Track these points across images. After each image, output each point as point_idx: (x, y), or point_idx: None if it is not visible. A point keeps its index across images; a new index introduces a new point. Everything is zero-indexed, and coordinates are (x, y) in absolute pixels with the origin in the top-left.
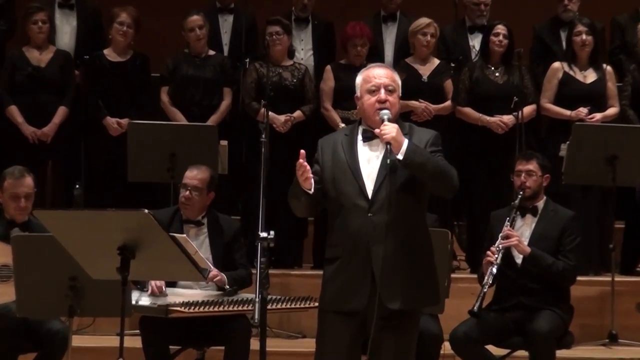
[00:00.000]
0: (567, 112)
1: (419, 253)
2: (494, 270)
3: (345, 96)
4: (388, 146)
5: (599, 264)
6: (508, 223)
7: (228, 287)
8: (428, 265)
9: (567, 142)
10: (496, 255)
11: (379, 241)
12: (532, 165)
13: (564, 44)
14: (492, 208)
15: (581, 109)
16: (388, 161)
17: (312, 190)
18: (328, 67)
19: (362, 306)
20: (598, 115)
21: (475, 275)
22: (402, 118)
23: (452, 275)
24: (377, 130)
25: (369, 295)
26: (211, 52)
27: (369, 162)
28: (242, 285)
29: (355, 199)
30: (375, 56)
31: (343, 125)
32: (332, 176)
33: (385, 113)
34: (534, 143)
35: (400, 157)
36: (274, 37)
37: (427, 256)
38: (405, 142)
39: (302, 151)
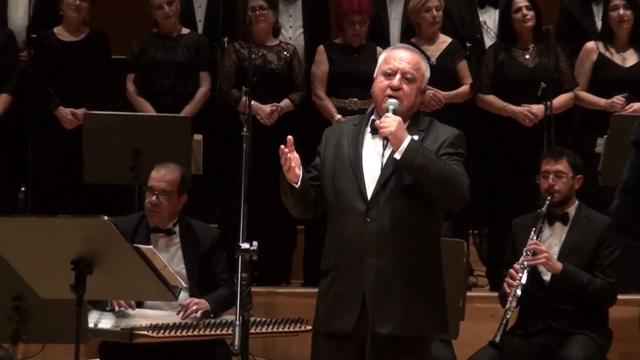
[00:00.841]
0: (602, 102)
1: (422, 271)
2: (519, 292)
3: (342, 82)
4: (385, 142)
5: None
6: (534, 235)
7: (212, 315)
8: (434, 286)
9: (605, 137)
10: (520, 274)
11: (373, 252)
12: (562, 165)
13: (597, 20)
14: (519, 214)
15: (616, 97)
16: (383, 160)
17: (299, 183)
18: (321, 48)
19: (349, 328)
20: (637, 105)
21: (496, 294)
22: None
23: (469, 294)
24: (377, 122)
25: (359, 316)
26: (185, 31)
27: (375, 158)
28: (228, 307)
29: (352, 201)
30: (379, 35)
31: (339, 116)
32: (332, 172)
33: (392, 103)
34: (568, 138)
35: (397, 156)
36: (257, 12)
37: (434, 275)
38: (407, 139)
39: (290, 137)
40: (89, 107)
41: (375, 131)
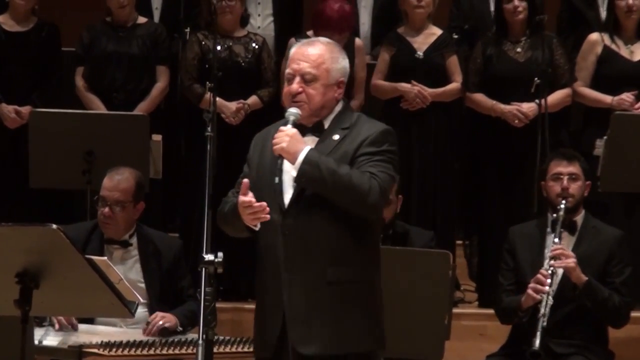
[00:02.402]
0: (608, 99)
1: (347, 283)
2: (551, 299)
3: None
4: (280, 160)
5: None
6: (556, 239)
7: (181, 328)
8: (363, 299)
9: (604, 138)
10: (549, 280)
11: (292, 268)
12: (576, 168)
13: (601, 9)
14: (508, 222)
15: (625, 94)
16: (277, 180)
17: (259, 226)
18: (292, 42)
19: (269, 354)
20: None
21: (487, 311)
22: (392, 105)
23: (455, 311)
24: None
25: (280, 337)
26: (141, 20)
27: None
28: (196, 323)
29: (272, 213)
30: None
31: None
32: (255, 179)
33: (292, 113)
34: (566, 139)
35: (293, 173)
36: (223, 2)
37: (362, 288)
38: (303, 152)
39: (246, 181)
40: (35, 105)
41: None
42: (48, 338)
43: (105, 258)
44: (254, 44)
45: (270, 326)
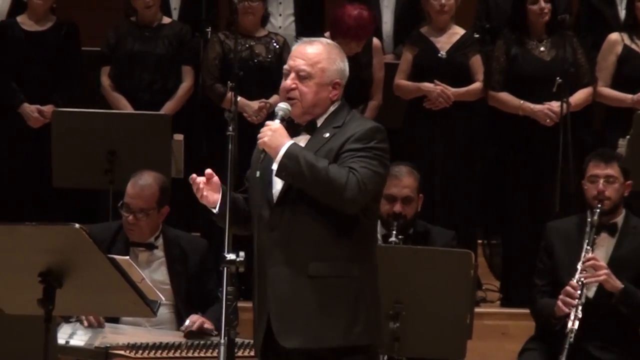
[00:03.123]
0: (629, 98)
1: (331, 278)
2: (579, 312)
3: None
4: (262, 154)
5: None
6: (589, 247)
7: (216, 332)
8: (350, 293)
9: (627, 137)
10: (579, 292)
11: (277, 263)
12: (613, 169)
13: (620, 9)
14: (532, 220)
15: None
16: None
17: (217, 209)
18: None
19: (258, 347)
20: None
21: (509, 310)
22: (415, 105)
23: (477, 310)
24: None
25: (267, 331)
26: (166, 20)
27: None
28: None
29: (260, 209)
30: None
31: None
32: (252, 177)
33: (281, 108)
34: (589, 138)
35: (274, 166)
36: (245, 3)
37: (348, 281)
38: (284, 148)
39: (208, 170)
40: (57, 104)
41: (291, 133)
42: (75, 337)
43: (128, 257)
44: (275, 44)
45: (260, 321)
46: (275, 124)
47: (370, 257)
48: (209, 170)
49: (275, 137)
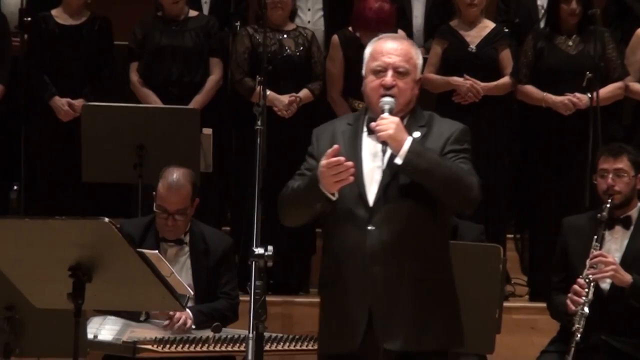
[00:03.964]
0: None
1: (432, 280)
2: (586, 309)
3: (359, 81)
4: (384, 146)
5: None
6: (597, 244)
7: (194, 326)
8: (446, 297)
9: None
10: (586, 290)
11: (378, 262)
12: (623, 163)
13: None
14: (561, 215)
15: None
16: (383, 164)
17: (336, 196)
18: (335, 40)
19: (356, 348)
20: None
21: (536, 304)
22: (443, 99)
23: (505, 304)
24: (372, 125)
25: (365, 332)
26: (192, 13)
27: (374, 160)
28: (221, 320)
29: (352, 207)
30: (400, 17)
31: None
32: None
33: (388, 102)
34: (620, 133)
35: (399, 161)
36: None
37: (445, 285)
38: (408, 141)
39: (336, 146)
40: (87, 98)
41: (372, 131)
42: (103, 332)
43: (157, 252)
44: (303, 38)
45: (356, 322)
46: (394, 117)
47: (451, 259)
48: (336, 146)
49: (399, 130)
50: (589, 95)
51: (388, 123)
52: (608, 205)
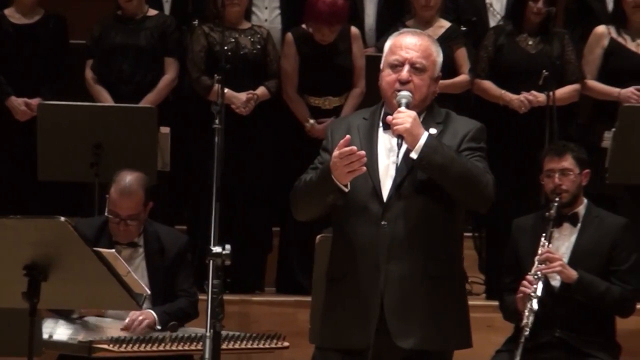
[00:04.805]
0: (615, 92)
1: (445, 278)
2: (535, 305)
3: (314, 78)
4: (399, 140)
5: None
6: (545, 241)
7: (159, 327)
8: (457, 296)
9: (612, 130)
10: (535, 286)
11: (392, 258)
12: (567, 162)
13: (607, 1)
14: (516, 214)
15: (633, 88)
16: (398, 159)
17: (349, 187)
18: (289, 38)
19: (367, 344)
20: None
21: (494, 303)
22: None
23: None
24: (389, 118)
25: (377, 329)
26: (151, 12)
27: (389, 155)
28: (183, 319)
29: (366, 201)
30: (352, 16)
31: (312, 121)
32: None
33: (404, 96)
34: (574, 132)
35: (414, 155)
36: None
37: (456, 283)
38: (424, 136)
39: (348, 136)
40: (44, 97)
41: (387, 126)
42: (58, 332)
43: (113, 250)
44: (259, 36)
45: (366, 318)
46: (411, 111)
47: (462, 257)
48: (348, 137)
49: (415, 124)
50: (547, 93)
51: (405, 117)
52: (556, 204)
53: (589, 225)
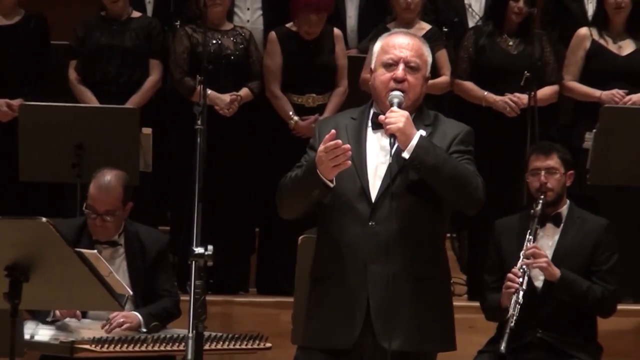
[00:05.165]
0: (597, 93)
1: (432, 280)
2: (520, 298)
3: (298, 76)
4: (392, 140)
5: (637, 288)
6: (531, 237)
7: (144, 329)
8: (443, 297)
9: (594, 131)
10: (520, 279)
11: (379, 259)
12: (553, 161)
13: (586, 3)
14: (498, 215)
15: (615, 91)
16: (390, 158)
17: (334, 183)
18: (272, 36)
19: (351, 344)
20: (635, 97)
21: (476, 304)
22: None
23: None
24: (381, 117)
25: (362, 329)
26: (136, 14)
27: (379, 155)
28: (168, 319)
29: (354, 201)
30: (334, 17)
31: (297, 118)
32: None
33: (397, 96)
34: (555, 133)
35: (406, 155)
36: None
37: (443, 285)
38: (416, 136)
39: (333, 131)
40: (26, 98)
41: (377, 126)
42: (40, 332)
43: (95, 251)
44: (241, 37)
45: (352, 318)
46: (403, 111)
47: (447, 259)
48: (333, 131)
49: (408, 123)
50: (528, 95)
51: (398, 116)
52: (541, 202)
53: (571, 226)
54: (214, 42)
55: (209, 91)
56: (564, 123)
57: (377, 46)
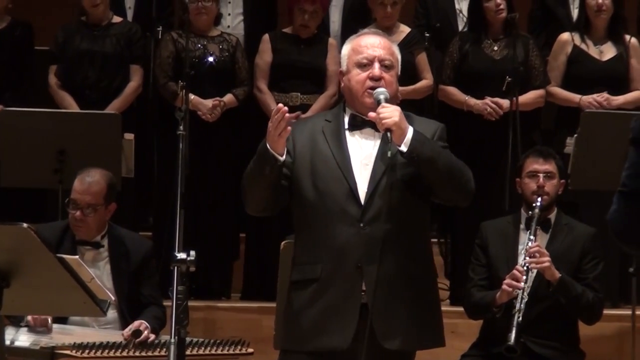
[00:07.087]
0: (577, 98)
1: (423, 278)
2: (526, 295)
3: (283, 74)
4: (388, 134)
5: (617, 294)
6: (532, 237)
7: (153, 335)
8: (433, 296)
9: (575, 136)
10: (525, 277)
11: (373, 260)
12: (552, 166)
13: (572, 8)
14: (479, 220)
15: (595, 96)
16: (389, 153)
17: (284, 157)
18: (265, 37)
19: (346, 345)
20: (617, 100)
21: (458, 309)
22: None
23: None
24: (371, 114)
25: (357, 330)
26: (116, 19)
27: (361, 155)
28: (162, 327)
29: (343, 204)
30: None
31: None
32: (311, 169)
33: (382, 92)
34: (537, 137)
35: (403, 148)
36: (198, 4)
37: (432, 283)
38: (410, 129)
39: (280, 104)
40: (7, 104)
41: (354, 127)
42: (20, 338)
43: (77, 257)
44: (227, 44)
45: (345, 320)
46: (395, 106)
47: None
48: (281, 105)
49: (402, 117)
50: (510, 100)
51: (392, 110)
52: (539, 203)
53: (559, 233)
54: (199, 47)
55: (192, 96)
56: (545, 128)
57: (347, 48)
